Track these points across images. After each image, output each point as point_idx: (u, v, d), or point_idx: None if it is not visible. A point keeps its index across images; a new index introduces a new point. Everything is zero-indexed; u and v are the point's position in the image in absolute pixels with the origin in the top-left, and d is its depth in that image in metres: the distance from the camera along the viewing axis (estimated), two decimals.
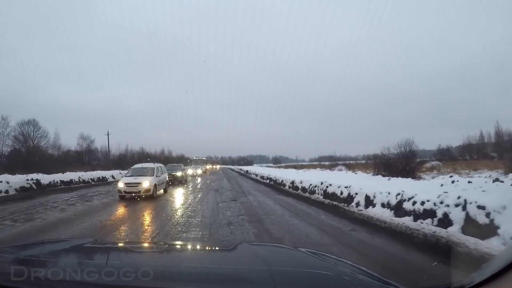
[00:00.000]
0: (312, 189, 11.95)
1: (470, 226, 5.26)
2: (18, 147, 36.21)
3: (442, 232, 4.38)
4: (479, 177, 10.41)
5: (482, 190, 6.33)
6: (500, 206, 4.99)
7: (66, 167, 26.35)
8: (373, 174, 13.49)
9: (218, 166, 78.25)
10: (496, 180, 7.68)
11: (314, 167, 34.73)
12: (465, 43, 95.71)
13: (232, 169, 62.75)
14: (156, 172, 13.21)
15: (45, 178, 16.93)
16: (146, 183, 11.99)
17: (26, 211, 9.12)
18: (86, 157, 46.93)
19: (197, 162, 41.96)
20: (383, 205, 7.42)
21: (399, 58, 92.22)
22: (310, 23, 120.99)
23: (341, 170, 23.55)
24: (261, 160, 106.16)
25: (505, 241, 4.11)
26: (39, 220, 7.56)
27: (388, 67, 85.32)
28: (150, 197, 11.83)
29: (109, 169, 32.60)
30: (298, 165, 46.92)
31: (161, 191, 13.86)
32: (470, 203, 5.53)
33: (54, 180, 17.55)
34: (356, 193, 8.68)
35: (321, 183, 11.32)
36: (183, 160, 44.93)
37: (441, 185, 7.98)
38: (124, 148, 52.53)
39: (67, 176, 19.71)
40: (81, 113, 68.81)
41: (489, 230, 4.79)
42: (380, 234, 5.48)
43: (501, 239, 4.35)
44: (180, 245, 2.72)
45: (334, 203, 8.75)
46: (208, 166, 55.47)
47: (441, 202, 6.03)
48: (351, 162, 36.94)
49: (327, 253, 1.74)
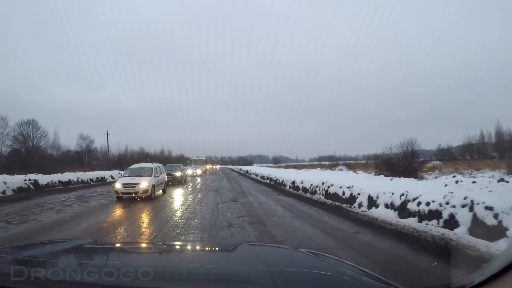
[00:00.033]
0: (313, 190, 11.80)
1: (477, 227, 5.13)
2: (18, 147, 36.14)
3: (451, 235, 4.23)
4: (482, 177, 10.28)
5: (488, 190, 6.21)
6: (508, 207, 4.85)
7: (65, 167, 26.24)
8: (375, 174, 13.37)
9: (218, 166, 78.21)
10: (501, 180, 7.56)
11: (315, 167, 34.63)
12: (465, 43, 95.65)
13: (232, 169, 62.69)
14: (154, 172, 12.89)
15: (43, 179, 16.78)
16: (144, 183, 11.69)
17: (21, 212, 8.97)
18: (85, 157, 46.86)
19: (197, 162, 41.87)
20: (386, 206, 7.27)
21: (399, 58, 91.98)
22: (310, 23, 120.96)
23: (341, 170, 23.44)
24: (261, 160, 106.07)
25: None
26: (34, 222, 7.40)
27: (388, 67, 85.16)
28: (148, 198, 11.55)
29: (108, 169, 32.40)
30: (298, 165, 46.85)
31: (160, 192, 13.60)
32: (478, 204, 5.39)
33: (52, 181, 17.40)
34: (358, 194, 8.54)
35: (323, 183, 11.17)
36: (183, 160, 44.84)
37: (445, 185, 7.86)
38: (123, 148, 52.46)
39: (66, 176, 19.58)
40: (81, 113, 68.70)
41: (498, 231, 4.67)
42: (387, 237, 5.31)
43: (510, 240, 4.23)
44: (180, 245, 2.72)
45: (336, 203, 8.60)
46: (208, 166, 55.39)
47: (447, 203, 5.90)
48: (351, 162, 36.86)
49: (327, 253, 1.71)
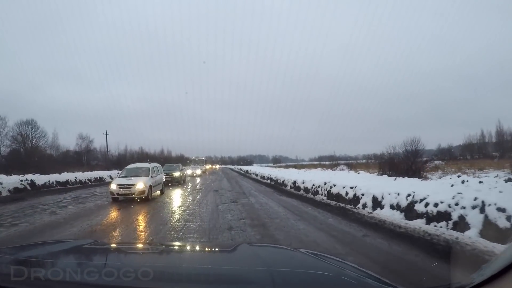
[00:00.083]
0: (315, 190, 11.57)
1: (489, 230, 4.92)
2: (17, 147, 35.90)
3: (465, 238, 4.00)
4: (486, 176, 10.07)
5: (498, 191, 5.99)
6: None
7: (64, 168, 26.06)
8: (377, 174, 13.14)
9: (217, 166, 78.08)
10: (509, 180, 7.34)
11: (315, 166, 34.46)
12: (465, 43, 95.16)
13: (232, 169, 62.53)
14: (151, 173, 12.46)
15: (40, 179, 16.55)
16: (141, 184, 11.28)
17: (13, 214, 8.70)
18: (85, 157, 46.63)
19: (197, 162, 41.65)
20: (392, 207, 7.05)
21: (399, 58, 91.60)
22: (310, 23, 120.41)
23: (343, 170, 23.24)
24: (261, 160, 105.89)
25: None
26: (25, 224, 7.15)
27: (388, 67, 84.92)
28: (145, 199, 11.17)
29: (107, 169, 32.13)
30: (298, 165, 46.69)
31: (158, 193, 13.24)
32: (489, 205, 5.18)
33: (49, 181, 17.18)
34: (362, 194, 8.31)
35: (325, 184, 10.95)
36: (182, 160, 44.64)
37: (452, 185, 7.65)
38: (123, 148, 52.15)
39: (64, 176, 19.39)
40: (81, 113, 68.14)
41: (510, 234, 4.44)
42: (397, 241, 5.02)
43: None
44: (180, 245, 2.73)
45: (341, 205, 8.37)
46: (208, 166, 55.18)
47: (456, 204, 5.68)
48: (351, 161, 36.68)
49: (327, 253, 1.69)
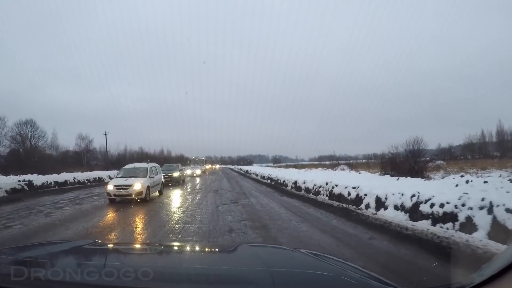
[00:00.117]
0: (317, 190, 11.41)
1: (498, 232, 4.77)
2: (16, 147, 35.76)
3: (476, 242, 3.84)
4: (489, 176, 9.93)
5: (506, 191, 5.84)
6: None
7: (64, 168, 25.96)
8: (380, 174, 12.99)
9: (217, 166, 77.98)
10: None
11: (315, 166, 34.32)
12: (465, 43, 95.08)
13: (231, 169, 62.38)
14: (149, 173, 12.20)
15: (38, 179, 16.38)
16: (138, 185, 11.02)
17: (8, 215, 8.52)
18: (84, 157, 46.49)
19: (197, 162, 41.58)
20: (396, 208, 6.90)
21: (399, 58, 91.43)
22: (310, 23, 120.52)
23: (343, 169, 23.08)
24: (261, 159, 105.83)
25: None
26: (19, 226, 6.98)
27: (388, 67, 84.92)
28: (143, 200, 10.93)
29: (106, 169, 31.97)
30: (298, 165, 46.58)
31: (156, 193, 13.00)
32: (497, 206, 5.04)
33: (47, 181, 17.00)
34: (365, 194, 8.16)
35: (326, 184, 10.79)
36: (182, 160, 44.49)
37: (456, 185, 7.51)
38: (123, 148, 51.99)
39: (62, 177, 19.21)
40: (80, 114, 68.29)
41: None
42: (405, 243, 4.82)
43: None
44: (180, 245, 2.74)
45: (343, 205, 8.21)
46: (208, 166, 55.08)
47: (463, 205, 5.53)
48: (352, 161, 36.56)
49: (327, 254, 1.69)
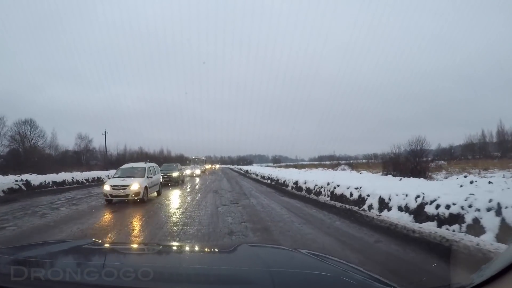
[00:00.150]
0: (318, 190, 11.26)
1: (507, 234, 4.63)
2: (16, 147, 35.62)
3: (487, 245, 3.69)
4: (492, 176, 9.82)
5: None
6: None
7: (63, 167, 25.83)
8: (382, 174, 12.85)
9: (217, 166, 77.85)
10: None
11: (315, 166, 34.22)
12: (465, 43, 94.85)
13: (231, 169, 62.26)
14: (147, 173, 11.90)
15: (36, 179, 16.20)
16: (135, 185, 10.74)
17: (2, 216, 8.36)
18: (84, 157, 46.35)
19: (196, 162, 41.48)
20: (400, 209, 6.75)
21: (399, 58, 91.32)
22: (310, 23, 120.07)
23: (344, 169, 22.97)
24: (261, 159, 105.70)
25: None
26: (12, 228, 6.80)
27: (388, 67, 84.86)
28: (141, 201, 10.68)
29: (106, 169, 31.85)
30: (298, 165, 46.50)
31: (154, 194, 12.78)
32: (506, 207, 4.89)
33: (45, 181, 16.83)
34: (368, 195, 8.01)
35: (328, 184, 10.64)
36: (182, 160, 44.33)
37: (461, 186, 7.39)
38: (122, 148, 51.84)
39: (61, 176, 19.04)
40: (80, 113, 68.33)
41: None
42: (413, 247, 4.65)
43: None
44: (180, 246, 2.75)
45: (347, 206, 8.06)
46: (208, 166, 54.94)
47: (470, 206, 5.38)
48: (352, 161, 36.47)
49: (327, 254, 1.68)
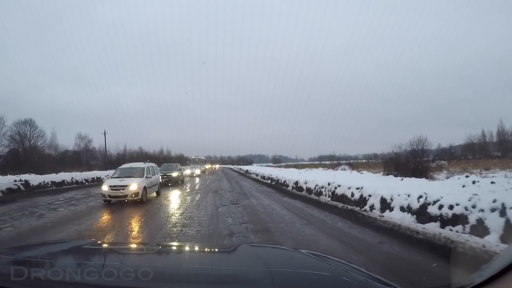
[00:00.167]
0: (319, 190, 11.19)
1: (511, 235, 4.54)
2: (16, 147, 35.54)
3: (493, 247, 3.62)
4: (494, 176, 9.76)
5: None
6: None
7: (62, 167, 25.75)
8: (383, 174, 12.78)
9: (217, 166, 77.78)
10: None
11: (315, 166, 34.19)
12: (465, 43, 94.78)
13: (231, 169, 62.19)
14: (146, 173, 11.74)
15: (35, 179, 16.10)
16: (134, 185, 10.60)
17: (0, 217, 8.22)
18: (83, 157, 46.28)
19: (196, 162, 41.40)
20: (402, 209, 6.68)
21: (399, 58, 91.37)
22: (310, 23, 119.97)
23: (344, 169, 22.91)
24: (261, 159, 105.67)
25: None
26: (9, 229, 6.69)
27: (388, 67, 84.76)
28: (140, 201, 10.53)
29: (106, 169, 31.78)
30: (298, 165, 46.48)
31: (153, 194, 12.66)
32: (511, 208, 4.81)
33: (44, 181, 16.72)
34: (369, 195, 7.94)
35: (329, 184, 10.57)
36: (182, 160, 44.26)
37: (463, 186, 7.30)
38: (122, 148, 51.75)
39: (60, 176, 18.94)
40: (80, 113, 68.28)
41: None
42: (418, 249, 4.56)
43: None
44: (180, 246, 2.76)
45: (349, 207, 7.99)
46: (207, 166, 54.87)
47: (474, 206, 5.31)
48: (352, 161, 36.45)
49: (327, 254, 1.68)
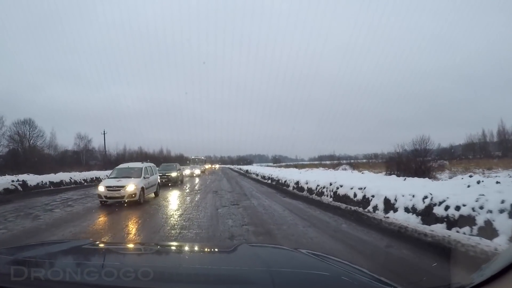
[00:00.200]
0: (320, 191, 11.05)
1: None
2: (15, 147, 35.39)
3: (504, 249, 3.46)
4: (497, 176, 9.63)
5: None
6: None
7: (62, 167, 25.66)
8: (385, 174, 12.64)
9: (217, 166, 77.62)
10: None
11: (316, 166, 34.10)
12: (465, 43, 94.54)
13: (231, 169, 62.05)
14: (144, 173, 11.43)
15: (33, 179, 15.93)
16: (131, 186, 10.33)
17: None
18: (83, 157, 46.13)
19: (196, 162, 41.27)
20: (407, 210, 6.53)
21: (399, 58, 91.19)
22: (310, 23, 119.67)
23: (345, 169, 22.77)
24: (261, 159, 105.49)
25: None
26: (2, 231, 6.56)
27: (388, 67, 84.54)
28: (137, 202, 10.28)
29: (105, 169, 31.63)
30: (298, 165, 46.43)
31: (151, 195, 12.41)
32: None
33: (42, 181, 16.55)
34: (372, 196, 7.79)
35: (330, 184, 10.43)
36: (182, 160, 44.09)
37: (468, 186, 7.16)
38: (122, 148, 51.58)
39: (58, 176, 18.79)
40: (80, 113, 68.00)
41: None
42: (427, 253, 4.37)
43: None
44: (180, 246, 2.76)
45: (352, 208, 7.84)
46: (207, 166, 54.72)
47: (481, 207, 5.17)
48: (352, 161, 36.35)
49: (327, 254, 1.67)
